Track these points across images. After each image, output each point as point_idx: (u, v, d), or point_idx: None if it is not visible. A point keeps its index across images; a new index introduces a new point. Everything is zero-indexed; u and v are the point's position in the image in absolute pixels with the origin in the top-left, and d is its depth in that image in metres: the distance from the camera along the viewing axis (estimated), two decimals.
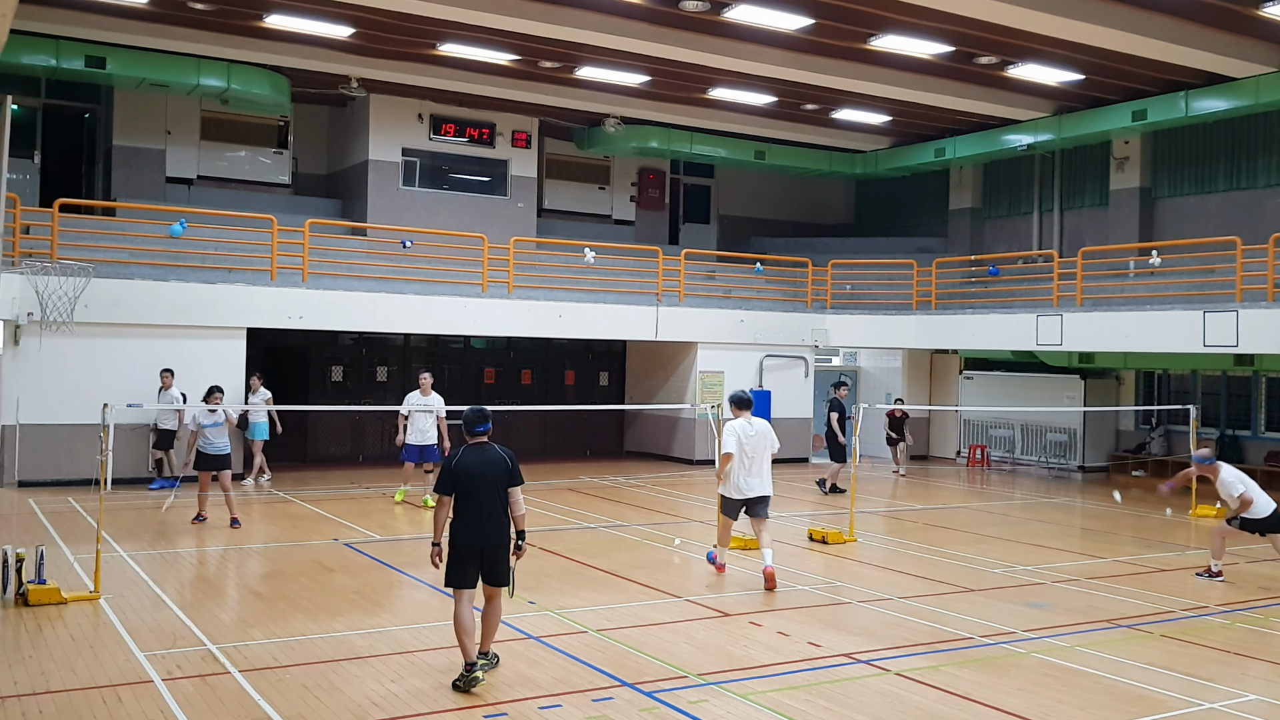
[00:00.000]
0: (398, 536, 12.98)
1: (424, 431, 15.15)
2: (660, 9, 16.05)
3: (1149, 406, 21.29)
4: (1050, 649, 8.39)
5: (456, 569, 7.17)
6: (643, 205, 25.59)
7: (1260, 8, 15.44)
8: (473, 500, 7.19)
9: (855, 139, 24.38)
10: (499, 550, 7.27)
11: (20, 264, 15.16)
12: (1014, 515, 16.21)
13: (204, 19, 16.92)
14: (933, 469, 22.34)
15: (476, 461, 7.29)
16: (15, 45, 16.39)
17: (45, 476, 15.45)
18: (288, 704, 6.66)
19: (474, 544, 7.15)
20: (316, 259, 18.06)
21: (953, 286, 23.13)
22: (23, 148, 19.33)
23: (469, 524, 7.17)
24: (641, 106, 21.76)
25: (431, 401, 15.11)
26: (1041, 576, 11.29)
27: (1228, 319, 16.62)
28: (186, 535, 12.63)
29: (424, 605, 9.49)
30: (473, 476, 7.21)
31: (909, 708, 6.92)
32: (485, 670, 7.16)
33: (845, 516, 13.68)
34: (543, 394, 22.74)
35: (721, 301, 22.18)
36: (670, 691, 7.07)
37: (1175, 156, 21.34)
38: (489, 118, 22.50)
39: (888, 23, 16.32)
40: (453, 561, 7.19)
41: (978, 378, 23.41)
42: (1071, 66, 18.20)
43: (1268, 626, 9.40)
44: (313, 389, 20.50)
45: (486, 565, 7.24)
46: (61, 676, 7.09)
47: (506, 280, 19.46)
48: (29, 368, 15.40)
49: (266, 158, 21.55)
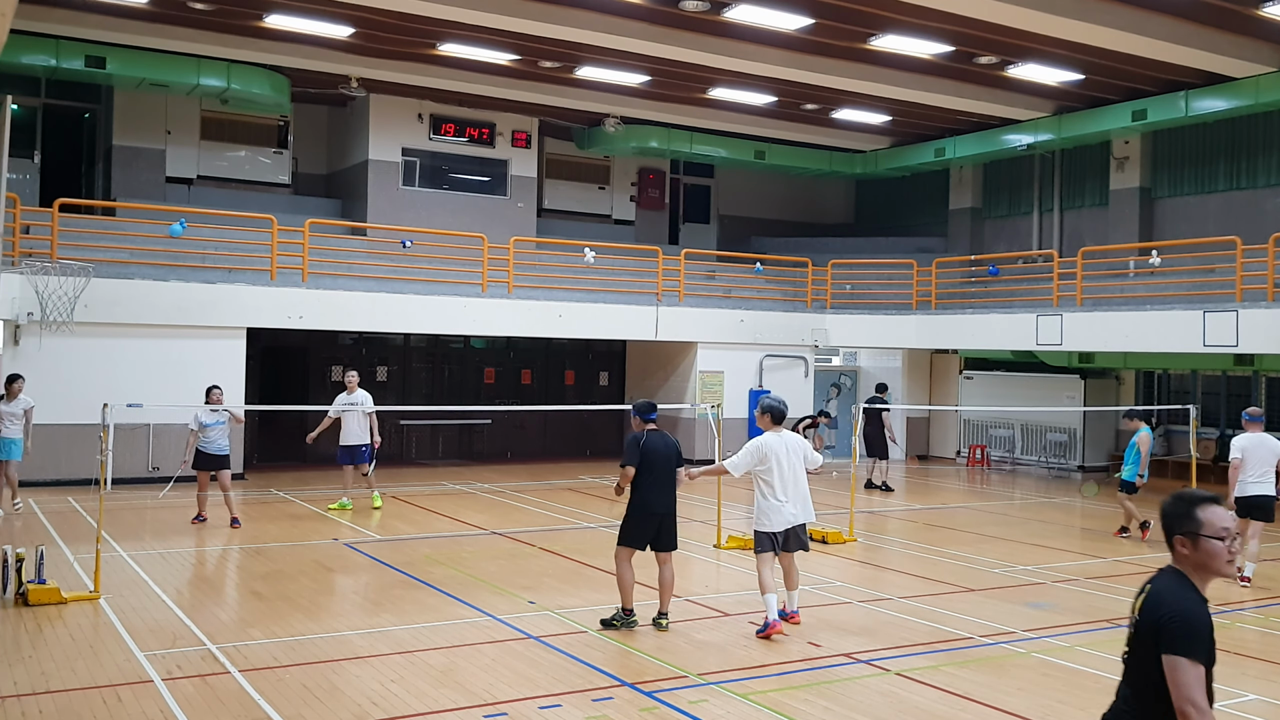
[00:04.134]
0: (398, 537, 12.98)
1: (353, 432, 14.46)
2: (660, 9, 16.05)
3: (1149, 406, 21.27)
4: (1050, 649, 8.39)
5: (637, 531, 8.54)
6: (643, 205, 25.59)
7: (1260, 8, 15.44)
8: (655, 474, 8.49)
9: (855, 139, 24.38)
10: (672, 518, 8.65)
11: (20, 264, 15.16)
12: (1014, 515, 16.21)
13: (204, 19, 16.92)
14: (933, 469, 22.34)
15: (659, 443, 8.59)
16: (15, 45, 16.39)
17: (45, 476, 15.45)
18: (288, 704, 6.66)
19: (655, 512, 8.52)
20: (316, 259, 18.05)
21: (953, 286, 23.13)
22: (23, 147, 19.33)
23: (653, 494, 8.52)
24: (641, 106, 21.76)
25: (358, 399, 14.54)
26: (1042, 576, 11.29)
27: (1228, 319, 16.62)
28: (186, 535, 12.63)
29: (424, 605, 9.48)
30: (656, 454, 8.51)
31: (909, 708, 6.92)
32: (663, 625, 8.62)
33: (845, 516, 13.68)
34: (543, 394, 22.74)
35: (721, 301, 22.18)
36: (670, 691, 7.06)
37: (1175, 156, 21.34)
38: (489, 118, 22.50)
39: (888, 22, 16.31)
40: (634, 524, 8.54)
41: (978, 378, 23.40)
42: (1071, 66, 18.20)
43: (1268, 626, 9.40)
44: (312, 389, 20.50)
45: (662, 531, 8.57)
46: (61, 676, 7.09)
47: (506, 280, 19.46)
48: (29, 368, 15.37)
49: (266, 157, 21.55)
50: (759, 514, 8.65)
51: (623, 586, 8.58)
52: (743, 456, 8.64)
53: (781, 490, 8.58)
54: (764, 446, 8.59)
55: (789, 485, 8.60)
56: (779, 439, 8.65)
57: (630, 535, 8.57)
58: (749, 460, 8.59)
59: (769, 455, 8.54)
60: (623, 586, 8.58)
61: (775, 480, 8.55)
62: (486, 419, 21.81)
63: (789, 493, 8.60)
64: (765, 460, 8.54)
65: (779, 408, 8.82)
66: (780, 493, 8.57)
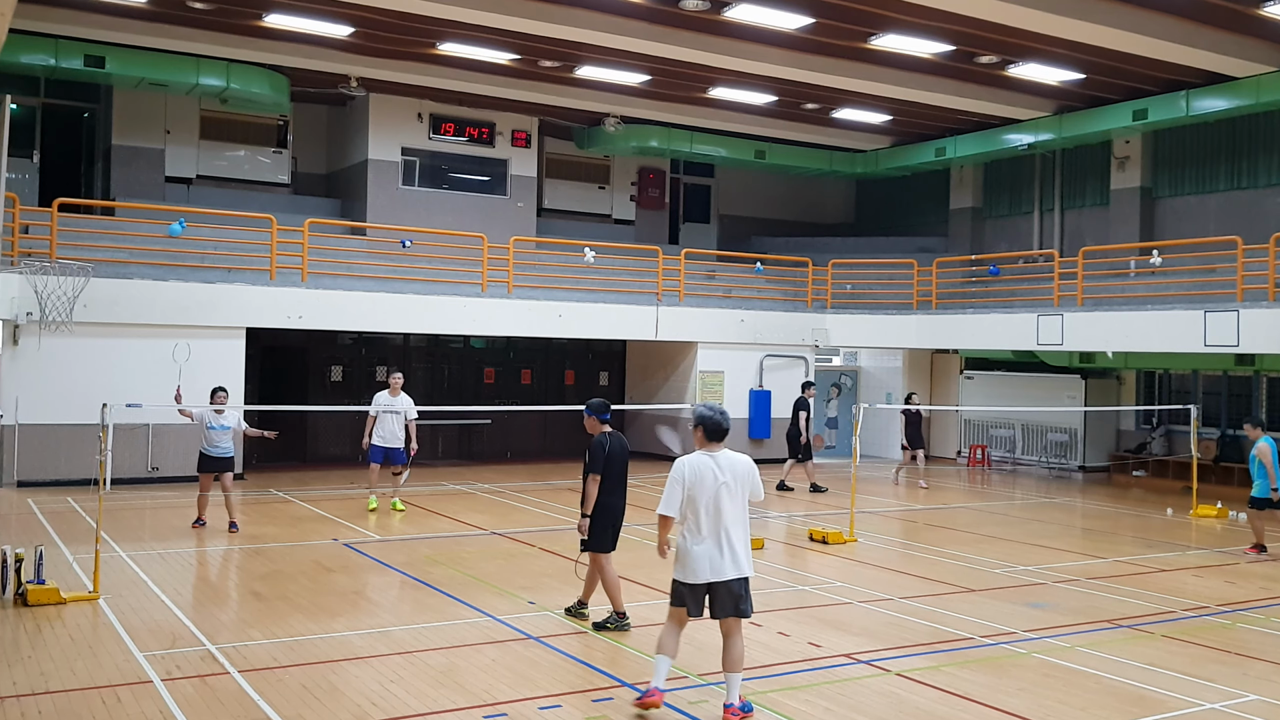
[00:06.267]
0: (398, 537, 12.97)
1: (391, 433, 14.46)
2: (660, 8, 16.03)
3: (1150, 406, 21.28)
4: (1051, 649, 8.38)
5: (607, 534, 8.63)
6: (643, 205, 25.57)
7: (1260, 7, 15.42)
8: (615, 476, 8.60)
9: (855, 138, 24.36)
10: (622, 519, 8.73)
11: (19, 264, 15.14)
12: (1014, 515, 16.20)
13: (203, 18, 16.90)
14: (933, 469, 22.31)
15: (617, 446, 8.66)
16: (14, 44, 16.39)
17: (45, 476, 15.45)
18: (287, 704, 6.65)
19: (618, 514, 8.66)
20: (316, 259, 18.05)
21: (953, 286, 23.11)
22: (22, 147, 19.30)
23: (614, 497, 8.62)
24: (641, 106, 21.75)
25: (399, 403, 14.50)
26: (1042, 576, 11.27)
27: (1228, 319, 16.60)
28: (186, 536, 12.61)
29: (424, 605, 9.47)
30: (615, 457, 8.58)
31: (909, 708, 6.91)
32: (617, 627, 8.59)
33: (845, 516, 13.66)
34: (543, 394, 22.74)
35: (721, 301, 22.17)
36: (670, 692, 7.05)
37: (1176, 156, 21.33)
38: (489, 117, 22.48)
39: (888, 22, 16.30)
40: (602, 529, 8.59)
41: (978, 377, 23.39)
42: (1072, 66, 18.19)
43: (1268, 626, 9.39)
44: (312, 389, 20.50)
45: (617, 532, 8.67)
46: (61, 677, 7.08)
47: (506, 280, 19.45)
48: (28, 368, 15.39)
49: (266, 157, 21.53)
50: (678, 557, 6.70)
51: (611, 590, 8.65)
52: (669, 490, 6.63)
53: (708, 528, 6.53)
54: (686, 469, 6.61)
55: (714, 521, 6.52)
56: (710, 461, 6.64)
57: (603, 540, 8.65)
58: (678, 491, 6.59)
59: (693, 480, 6.58)
60: (611, 590, 8.65)
61: (700, 513, 6.54)
62: (486, 419, 21.80)
63: (714, 533, 6.52)
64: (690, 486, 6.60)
65: (712, 418, 6.72)
66: (704, 531, 6.54)
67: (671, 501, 6.59)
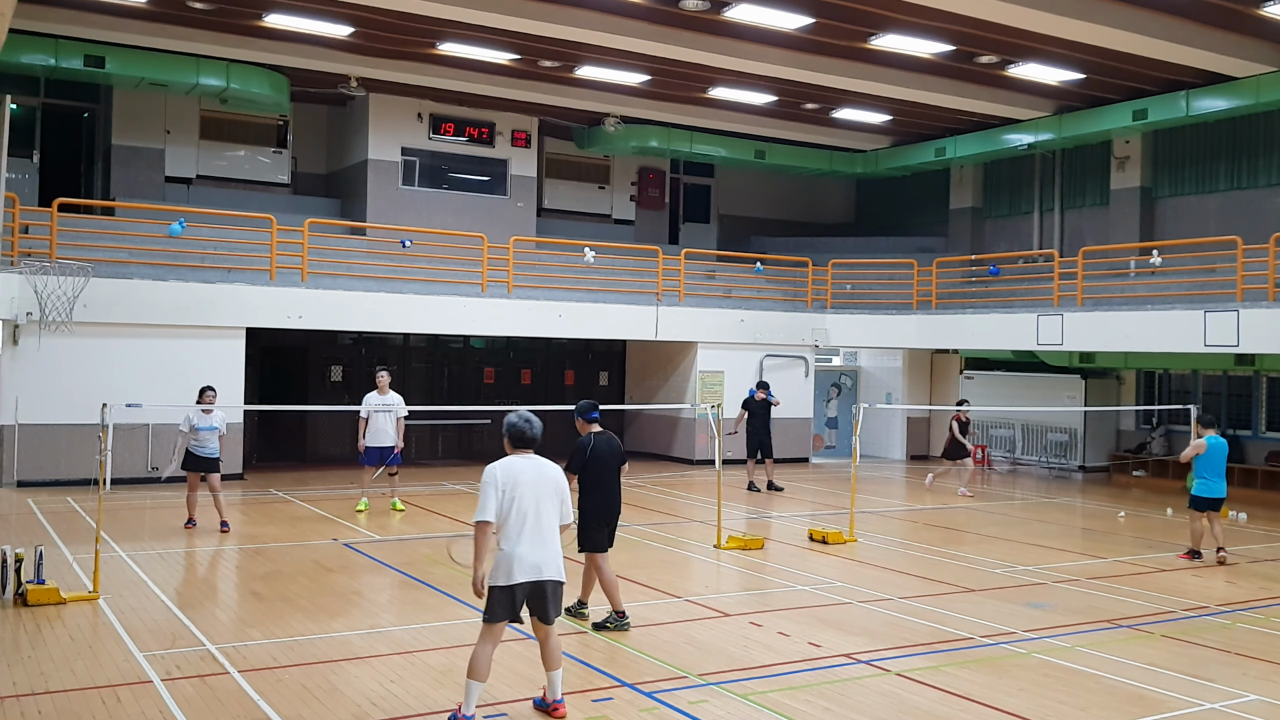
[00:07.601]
0: (397, 537, 12.96)
1: (386, 432, 14.39)
2: (660, 8, 16.03)
3: (1150, 406, 21.28)
4: (1051, 649, 8.38)
5: (601, 535, 8.66)
6: (643, 205, 25.57)
7: (1260, 7, 15.42)
8: (605, 479, 8.58)
9: (855, 138, 24.36)
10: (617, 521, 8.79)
11: (19, 264, 15.14)
12: (1014, 515, 16.20)
13: (203, 18, 16.90)
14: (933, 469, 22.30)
15: (605, 446, 8.61)
16: (14, 44, 16.38)
17: (44, 476, 15.44)
18: (287, 704, 6.65)
19: (611, 515, 8.70)
20: (316, 259, 18.05)
21: (953, 286, 23.11)
22: (22, 147, 19.30)
23: (606, 499, 8.63)
24: (641, 106, 21.74)
25: (390, 401, 14.52)
26: (1042, 576, 11.27)
27: (1228, 319, 16.60)
28: (185, 536, 12.60)
29: (424, 605, 9.47)
30: (603, 459, 8.56)
31: (909, 708, 6.91)
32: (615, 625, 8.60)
33: (845, 516, 13.66)
34: (542, 394, 22.73)
35: (721, 301, 22.17)
36: (670, 691, 7.05)
37: (1176, 156, 21.33)
38: (488, 117, 22.48)
39: (888, 22, 16.30)
40: (596, 530, 8.62)
41: (978, 377, 23.39)
42: (1072, 66, 18.18)
43: (1268, 626, 9.39)
44: (312, 389, 20.50)
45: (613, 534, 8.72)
46: (60, 677, 7.08)
47: (506, 280, 19.45)
48: (28, 368, 15.39)
49: (266, 157, 21.53)
50: (496, 563, 6.42)
51: (609, 589, 8.67)
52: (484, 496, 6.37)
53: (530, 529, 6.39)
54: (499, 472, 6.43)
55: (534, 522, 6.41)
56: (523, 463, 6.54)
57: (598, 541, 8.70)
58: (493, 495, 6.36)
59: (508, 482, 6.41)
60: (609, 589, 8.67)
61: (519, 514, 6.38)
62: (486, 419, 21.79)
63: (534, 533, 6.40)
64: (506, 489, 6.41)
65: (517, 425, 6.62)
66: (525, 532, 6.38)
67: (487, 506, 6.34)
